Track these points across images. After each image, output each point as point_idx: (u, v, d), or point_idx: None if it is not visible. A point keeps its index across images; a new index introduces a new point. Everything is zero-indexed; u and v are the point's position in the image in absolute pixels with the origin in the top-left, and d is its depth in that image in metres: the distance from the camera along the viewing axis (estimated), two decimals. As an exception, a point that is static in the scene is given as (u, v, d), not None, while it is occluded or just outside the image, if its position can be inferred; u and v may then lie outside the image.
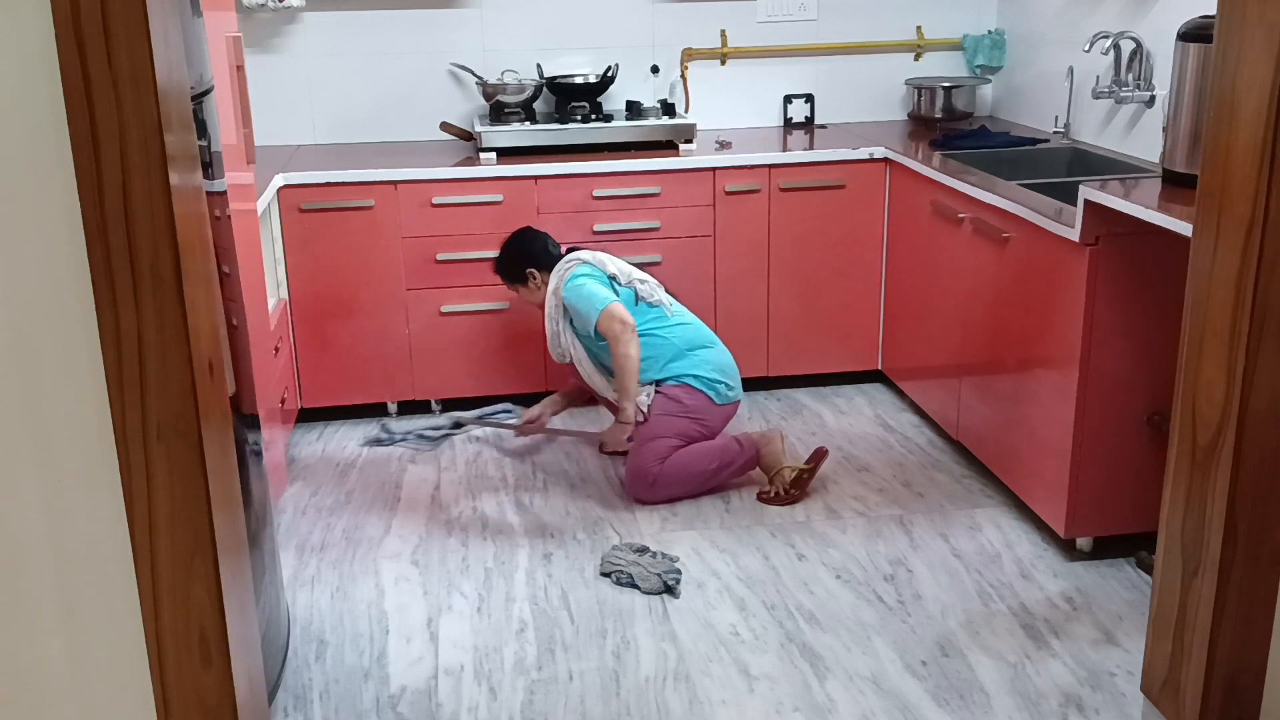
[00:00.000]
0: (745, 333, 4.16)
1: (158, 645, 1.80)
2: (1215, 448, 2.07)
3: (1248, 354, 1.98)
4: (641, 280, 3.57)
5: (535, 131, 4.06)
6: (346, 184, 3.84)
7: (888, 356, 4.23)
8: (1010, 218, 3.19)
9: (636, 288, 3.54)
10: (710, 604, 2.93)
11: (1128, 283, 2.86)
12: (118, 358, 1.69)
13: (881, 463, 3.71)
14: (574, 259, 3.58)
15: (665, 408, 3.47)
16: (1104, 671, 2.62)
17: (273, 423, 3.35)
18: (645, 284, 3.57)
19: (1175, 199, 2.72)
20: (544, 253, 3.65)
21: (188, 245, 1.70)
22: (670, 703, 2.55)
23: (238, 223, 2.70)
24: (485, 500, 3.53)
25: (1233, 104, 1.96)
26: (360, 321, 3.96)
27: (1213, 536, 2.09)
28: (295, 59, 4.23)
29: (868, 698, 2.55)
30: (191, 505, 1.76)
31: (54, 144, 1.62)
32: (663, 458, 3.40)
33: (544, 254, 3.65)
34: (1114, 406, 2.94)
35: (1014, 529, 3.26)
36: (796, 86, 4.53)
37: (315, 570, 3.14)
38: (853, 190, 4.07)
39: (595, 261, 3.56)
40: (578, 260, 3.57)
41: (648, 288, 3.56)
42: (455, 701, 2.58)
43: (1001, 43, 4.44)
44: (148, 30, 1.58)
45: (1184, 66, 2.83)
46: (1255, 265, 1.94)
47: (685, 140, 4.10)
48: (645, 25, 4.39)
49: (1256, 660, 2.15)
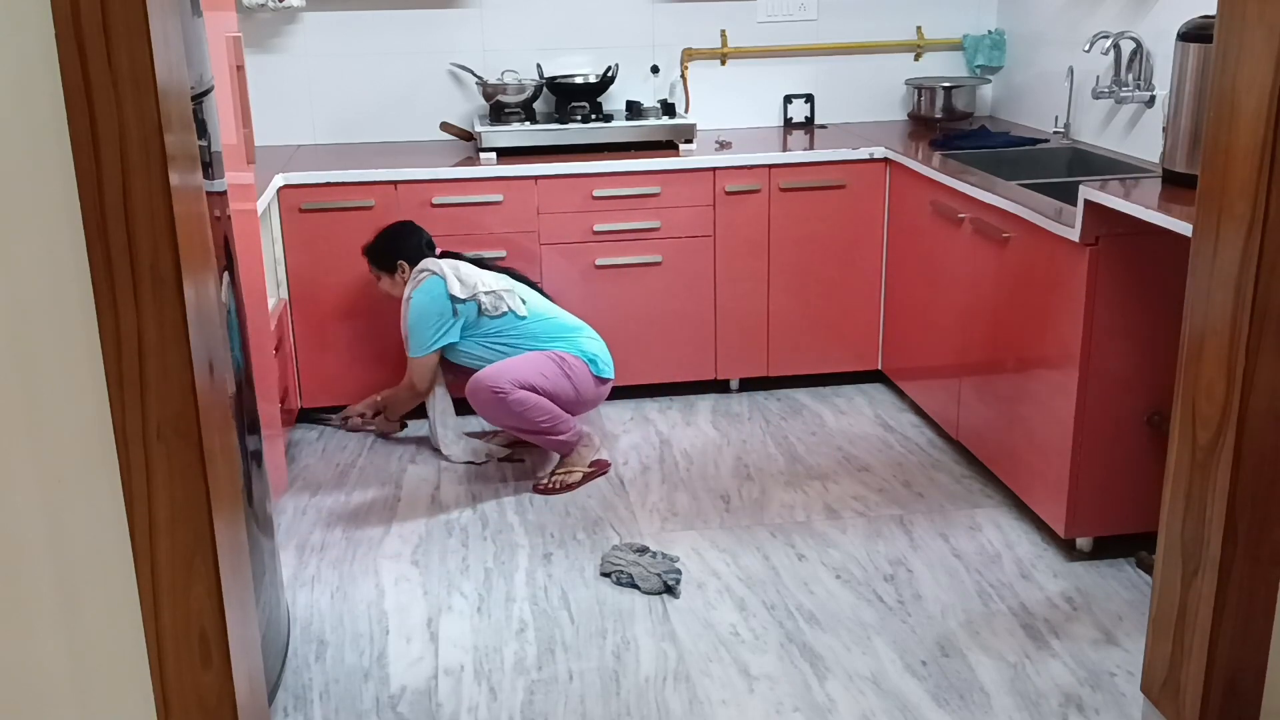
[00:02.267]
0: (745, 333, 4.16)
1: (158, 645, 1.80)
2: (1215, 448, 2.07)
3: (1248, 354, 1.98)
4: (487, 290, 3.59)
5: (535, 131, 4.06)
6: (346, 184, 3.84)
7: (888, 356, 4.23)
8: (1010, 218, 3.19)
9: (480, 300, 3.57)
10: (710, 604, 2.93)
11: (1128, 283, 2.86)
12: (118, 358, 1.69)
13: (881, 463, 3.71)
14: (425, 269, 3.63)
15: (548, 362, 3.54)
16: (1104, 671, 2.62)
17: (273, 423, 3.35)
18: (491, 294, 3.59)
19: (1175, 199, 2.72)
20: (417, 250, 3.70)
21: (188, 245, 1.70)
22: (670, 703, 2.55)
23: (238, 223, 2.70)
24: (485, 500, 3.53)
25: (1233, 104, 1.96)
26: (360, 321, 3.96)
27: (1213, 536, 2.09)
28: (295, 59, 4.23)
29: (868, 698, 2.55)
30: (191, 505, 1.76)
31: (54, 144, 1.62)
32: (521, 385, 3.46)
33: (416, 251, 3.70)
34: (1114, 406, 2.94)
35: (1014, 529, 3.27)
36: (796, 86, 4.53)
37: (315, 570, 3.14)
38: (853, 190, 4.07)
39: (440, 274, 3.59)
40: (428, 272, 3.61)
41: (493, 299, 3.59)
42: (455, 701, 2.58)
43: (1001, 43, 4.44)
44: (148, 30, 1.58)
45: (1184, 66, 2.83)
46: (1255, 265, 1.94)
47: (685, 140, 4.10)
48: (645, 25, 4.39)
49: (1256, 660, 2.15)
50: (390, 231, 3.74)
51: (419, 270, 3.64)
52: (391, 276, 3.72)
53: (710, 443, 3.89)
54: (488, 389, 3.45)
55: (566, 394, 3.54)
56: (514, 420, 3.50)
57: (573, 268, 3.99)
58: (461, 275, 3.60)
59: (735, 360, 4.20)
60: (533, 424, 3.50)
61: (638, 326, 4.06)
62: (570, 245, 3.99)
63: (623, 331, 4.00)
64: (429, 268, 3.62)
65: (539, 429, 3.52)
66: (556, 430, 3.55)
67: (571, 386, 3.56)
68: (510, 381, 3.45)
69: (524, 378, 3.47)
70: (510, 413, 3.47)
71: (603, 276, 4.02)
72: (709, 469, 3.69)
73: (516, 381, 3.46)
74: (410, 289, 3.64)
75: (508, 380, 3.45)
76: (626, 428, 4.00)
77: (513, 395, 3.44)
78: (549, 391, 3.50)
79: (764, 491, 3.53)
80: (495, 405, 3.46)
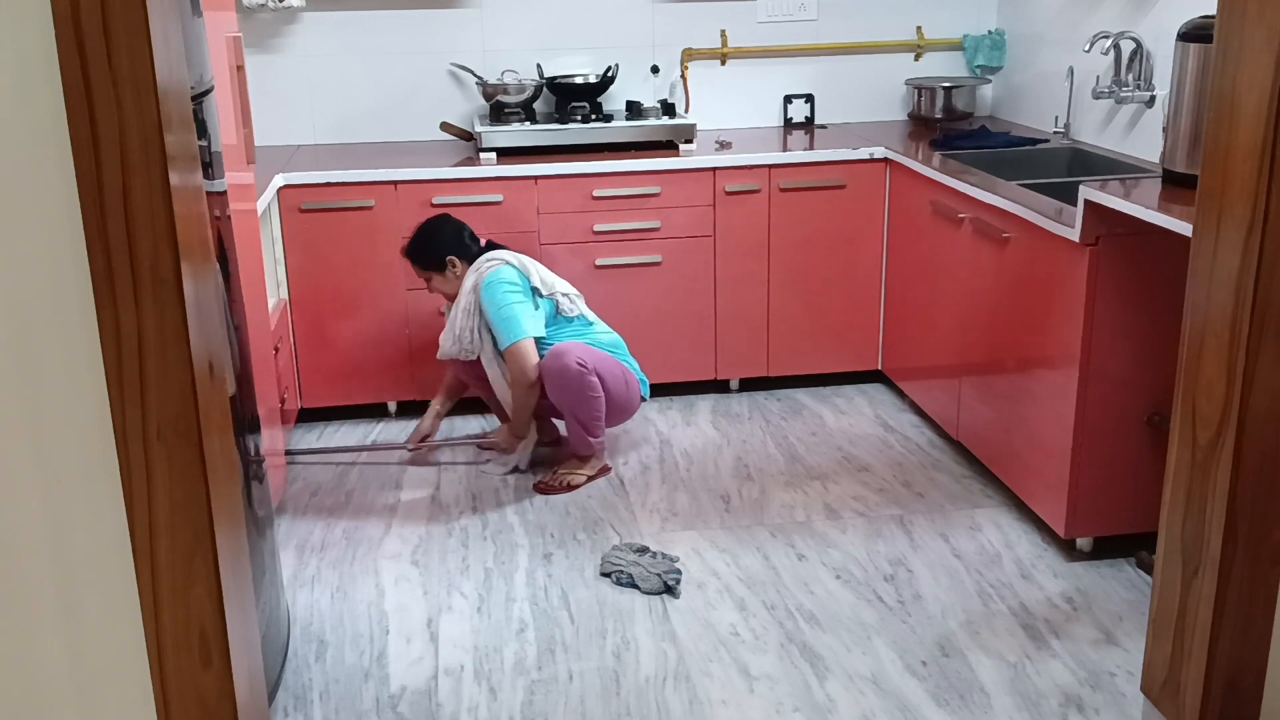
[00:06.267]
0: (745, 333, 4.16)
1: (158, 645, 1.80)
2: (1215, 448, 2.07)
3: (1248, 354, 1.97)
4: (564, 293, 3.58)
5: (535, 131, 4.05)
6: (346, 184, 3.84)
7: (888, 356, 4.23)
8: (1010, 218, 3.19)
9: (558, 300, 3.55)
10: (710, 604, 2.93)
11: (1128, 283, 2.86)
12: (118, 358, 1.68)
13: (881, 463, 3.71)
14: (496, 258, 3.54)
15: (618, 368, 3.56)
16: (1104, 671, 2.62)
17: (273, 423, 3.35)
18: (566, 297, 3.58)
19: (1175, 199, 2.72)
20: (458, 241, 3.61)
21: (188, 245, 1.70)
22: (670, 703, 2.55)
23: (238, 223, 2.70)
24: (485, 500, 3.53)
25: (1233, 104, 1.96)
26: (360, 321, 3.96)
27: (1213, 536, 2.09)
28: (295, 59, 4.23)
29: (868, 698, 2.55)
30: (191, 505, 1.76)
31: (54, 144, 1.62)
32: (596, 372, 3.46)
33: (458, 243, 3.61)
34: (1114, 406, 2.94)
35: (1014, 529, 3.26)
36: (796, 86, 4.53)
37: (315, 570, 3.14)
38: (853, 190, 4.07)
39: (520, 266, 3.53)
40: (500, 261, 3.53)
41: (568, 301, 3.57)
42: (455, 701, 2.58)
43: (1001, 43, 4.44)
44: (148, 30, 1.58)
45: (1184, 66, 2.83)
46: (1255, 265, 1.94)
47: (685, 140, 4.10)
48: (645, 25, 4.39)
49: (1256, 660, 2.15)
50: (428, 228, 3.64)
51: (489, 258, 3.54)
52: (442, 274, 3.61)
53: (710, 443, 3.89)
54: (575, 359, 3.42)
55: (617, 401, 3.56)
56: (575, 400, 3.47)
57: (573, 268, 3.99)
58: (541, 272, 3.57)
59: (735, 360, 4.20)
60: (587, 411, 3.50)
61: (638, 326, 4.05)
62: (570, 245, 3.99)
63: (623, 331, 3.98)
64: (502, 257, 3.54)
65: (588, 419, 3.51)
66: (595, 431, 3.55)
67: (623, 395, 3.57)
68: (592, 363, 3.46)
69: (600, 368, 3.48)
70: (580, 391, 3.45)
71: (603, 276, 4.02)
72: (709, 469, 3.69)
73: (595, 366, 3.47)
74: (475, 278, 3.51)
75: (591, 360, 3.46)
76: (626, 428, 4.00)
77: (591, 375, 3.44)
78: (609, 392, 3.51)
79: (764, 491, 3.53)
80: (574, 377, 3.43)
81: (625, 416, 3.67)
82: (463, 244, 3.61)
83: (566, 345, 3.47)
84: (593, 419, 3.52)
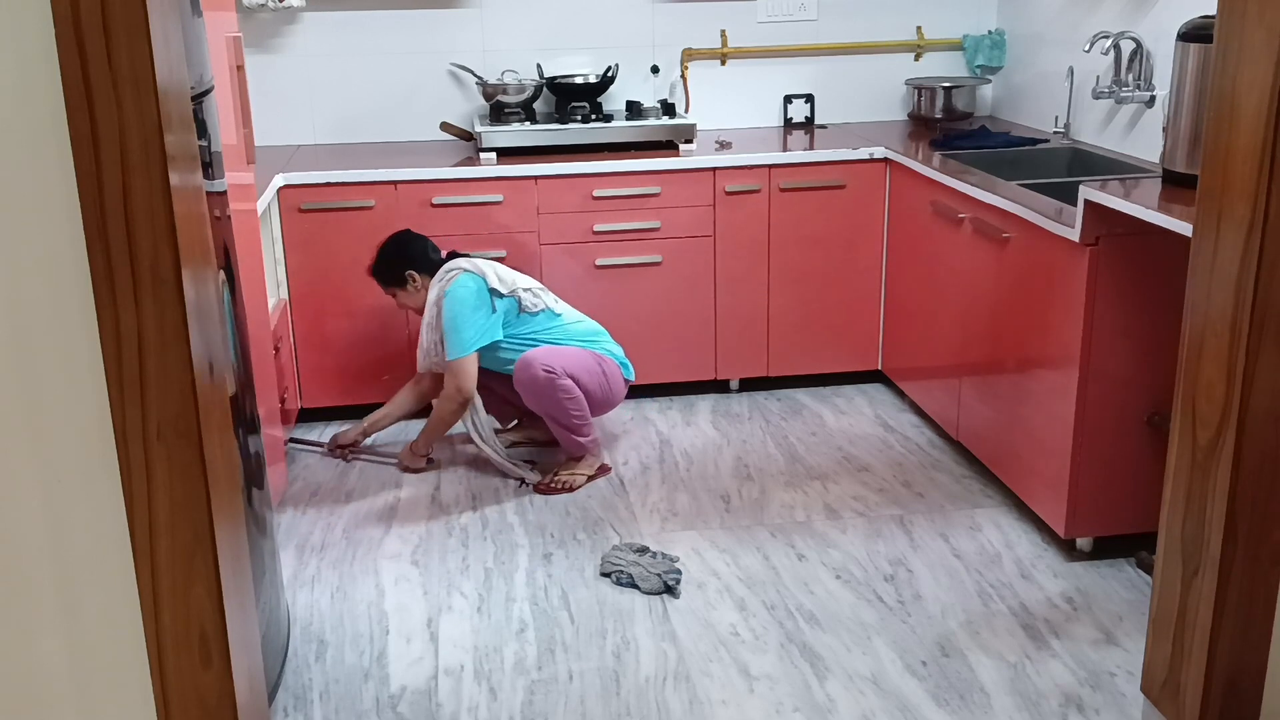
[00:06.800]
0: (745, 333, 4.16)
1: (158, 645, 1.80)
2: (1215, 448, 2.07)
3: (1248, 354, 1.98)
4: (525, 288, 3.57)
5: (535, 131, 4.05)
6: (346, 184, 3.84)
7: (888, 356, 4.23)
8: (1010, 218, 3.19)
9: (520, 296, 3.54)
10: (710, 604, 2.93)
11: (1128, 283, 2.86)
12: (118, 358, 1.68)
13: (881, 463, 3.71)
14: (455, 268, 3.54)
15: (590, 359, 3.54)
16: (1104, 671, 2.62)
17: (273, 423, 3.35)
18: (530, 291, 3.57)
19: (1175, 199, 2.72)
20: (424, 256, 3.62)
21: (188, 245, 1.70)
22: (670, 703, 2.55)
23: (238, 223, 2.70)
24: (485, 500, 3.53)
25: (1233, 104, 1.96)
26: (360, 321, 3.96)
27: (1213, 536, 2.09)
28: (295, 59, 4.24)
29: (868, 698, 2.55)
30: (191, 505, 1.76)
31: (54, 144, 1.62)
32: (566, 374, 3.44)
33: (424, 257, 3.61)
34: (1114, 406, 2.94)
35: (1014, 529, 3.26)
36: (796, 86, 4.53)
37: (315, 570, 3.14)
38: (853, 190, 4.07)
39: (476, 271, 3.53)
40: (459, 270, 3.53)
41: (531, 296, 3.56)
42: (455, 701, 2.58)
43: (1001, 43, 4.44)
44: (148, 30, 1.58)
45: (1184, 67, 2.83)
46: (1255, 265, 1.94)
47: (685, 140, 4.10)
48: (645, 25, 4.39)
49: (1256, 660, 2.15)
50: (388, 246, 3.65)
51: (448, 269, 3.54)
52: (405, 289, 3.63)
53: (710, 443, 3.89)
54: (540, 366, 3.42)
55: (597, 394, 3.55)
56: (552, 405, 3.47)
57: (573, 268, 3.99)
58: (499, 271, 3.57)
59: (735, 360, 4.20)
60: (567, 415, 3.49)
61: (638, 326, 4.06)
62: (570, 245, 3.99)
63: (623, 331, 3.99)
64: (460, 266, 3.54)
65: (569, 422, 3.51)
66: (582, 430, 3.55)
67: (603, 387, 3.56)
68: (560, 366, 3.45)
69: (570, 368, 3.47)
70: (554, 397, 3.45)
71: (603, 276, 4.02)
72: (709, 469, 3.69)
73: (565, 369, 3.46)
74: (438, 291, 3.52)
75: (558, 364, 3.45)
76: (626, 428, 4.00)
77: (562, 379, 3.44)
78: (586, 388, 3.51)
79: (764, 491, 3.53)
80: (544, 385, 3.43)
81: (611, 406, 3.67)
82: (424, 257, 3.61)
83: (532, 354, 3.46)
84: (575, 419, 3.51)
